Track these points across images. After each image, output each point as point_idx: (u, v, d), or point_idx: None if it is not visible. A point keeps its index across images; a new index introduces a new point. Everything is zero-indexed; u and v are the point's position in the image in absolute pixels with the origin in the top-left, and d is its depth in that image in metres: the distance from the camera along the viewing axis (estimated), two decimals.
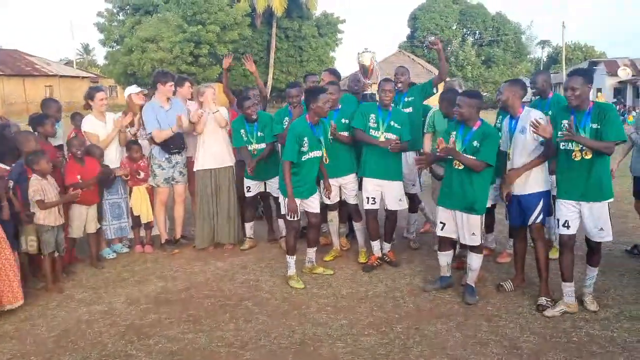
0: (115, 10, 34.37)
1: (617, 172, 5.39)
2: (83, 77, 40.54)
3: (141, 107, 6.03)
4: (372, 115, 5.25)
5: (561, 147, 4.22)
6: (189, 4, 30.38)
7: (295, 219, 4.97)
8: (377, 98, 5.36)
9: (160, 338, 4.07)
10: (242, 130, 5.78)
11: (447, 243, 4.81)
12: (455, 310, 4.46)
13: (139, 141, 6.06)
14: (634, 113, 24.82)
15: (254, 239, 6.24)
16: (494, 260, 5.48)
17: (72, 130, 6.23)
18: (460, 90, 5.25)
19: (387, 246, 5.60)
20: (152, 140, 5.98)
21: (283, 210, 5.13)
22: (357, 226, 5.69)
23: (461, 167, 4.47)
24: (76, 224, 5.51)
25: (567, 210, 4.24)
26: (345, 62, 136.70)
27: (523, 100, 4.64)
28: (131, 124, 6.04)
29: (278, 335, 4.08)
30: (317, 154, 5.00)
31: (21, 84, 35.34)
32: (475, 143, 4.42)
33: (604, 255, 5.47)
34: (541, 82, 5.25)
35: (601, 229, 4.18)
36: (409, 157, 5.63)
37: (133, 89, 6.29)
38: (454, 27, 48.23)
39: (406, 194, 5.74)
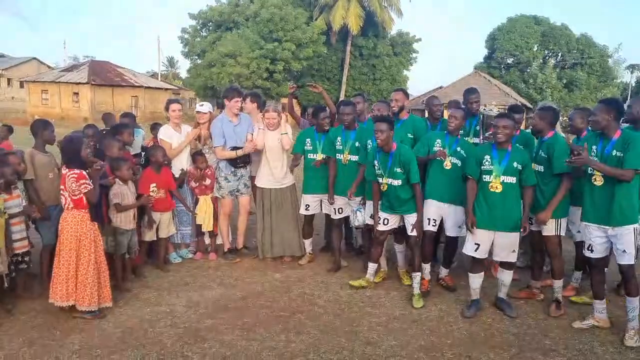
0: (198, 27, 36.04)
1: None
2: (166, 89, 42.56)
3: (203, 124, 6.32)
4: (438, 141, 5.31)
5: (588, 171, 4.31)
6: (266, 22, 31.32)
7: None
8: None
9: (215, 342, 4.25)
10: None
11: (480, 264, 4.84)
12: (511, 341, 4.35)
13: (206, 154, 6.31)
14: None
15: (312, 254, 6.34)
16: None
17: (150, 140, 6.63)
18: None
19: (444, 271, 5.57)
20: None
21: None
22: (399, 248, 5.67)
23: (499, 189, 4.58)
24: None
25: (591, 235, 4.37)
26: (418, 81, 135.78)
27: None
28: (198, 139, 6.34)
29: (327, 350, 4.14)
30: (389, 181, 5.09)
31: (110, 93, 37.66)
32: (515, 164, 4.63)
33: None
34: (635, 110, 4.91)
35: (624, 251, 4.21)
36: None
37: (197, 106, 6.53)
38: (535, 49, 46.67)
39: None
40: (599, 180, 4.28)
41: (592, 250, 4.42)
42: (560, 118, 5.40)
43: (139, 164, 6.10)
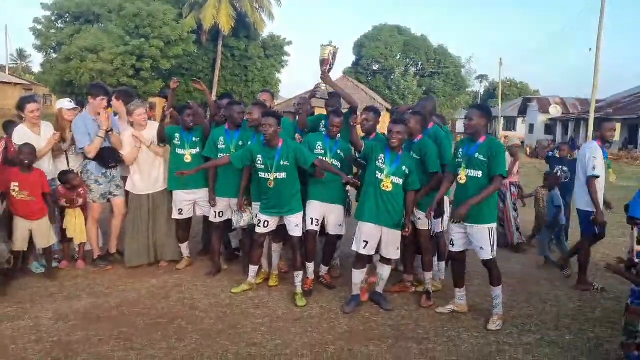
0: (53, 18, 33.17)
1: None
2: (16, 84, 38.76)
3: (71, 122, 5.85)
4: (319, 143, 5.41)
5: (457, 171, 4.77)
6: (132, 17, 29.77)
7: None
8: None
9: (89, 356, 3.97)
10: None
11: (365, 260, 5.06)
12: (388, 332, 4.58)
13: (70, 155, 5.90)
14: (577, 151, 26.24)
15: (190, 257, 6.17)
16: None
17: (3, 139, 5.98)
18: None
19: (324, 269, 5.71)
20: (85, 155, 5.83)
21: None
22: (275, 248, 5.68)
23: (390, 188, 4.83)
24: (18, 236, 5.31)
25: (452, 230, 4.85)
26: (290, 84, 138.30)
27: None
28: (62, 140, 5.84)
29: (211, 354, 4.06)
30: (275, 175, 5.08)
31: None
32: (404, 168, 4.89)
33: (530, 283, 5.90)
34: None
35: (481, 247, 4.68)
36: None
37: (66, 103, 6.00)
38: (398, 57, 49.62)
39: None
40: (462, 179, 4.68)
41: (452, 245, 4.85)
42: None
43: None
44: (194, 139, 5.82)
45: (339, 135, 5.45)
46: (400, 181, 4.88)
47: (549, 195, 6.97)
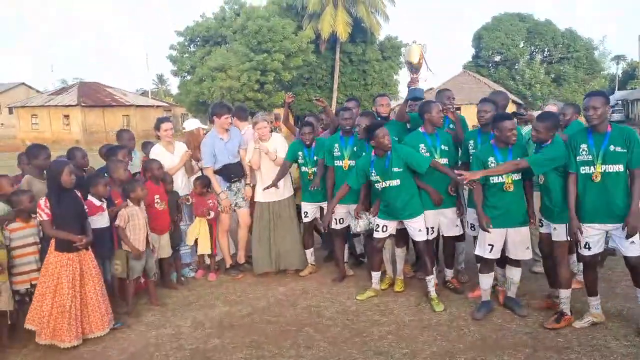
0: (186, 43, 35.99)
1: None
2: (157, 106, 42.43)
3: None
4: (422, 145, 5.13)
5: (581, 171, 4.22)
6: (254, 34, 31.31)
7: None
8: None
9: None
10: (300, 153, 5.85)
11: (491, 264, 4.76)
12: (524, 341, 4.27)
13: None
14: None
15: (314, 265, 6.25)
16: None
17: (142, 158, 6.54)
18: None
19: (449, 272, 5.49)
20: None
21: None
22: (399, 252, 5.49)
23: (512, 188, 4.52)
24: None
25: (588, 233, 4.25)
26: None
27: None
28: (195, 158, 6.28)
29: None
30: (388, 183, 5.02)
31: (101, 114, 37.53)
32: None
33: None
34: None
35: (632, 242, 4.12)
36: None
37: (197, 122, 6.55)
38: (521, 45, 46.96)
39: None
40: (597, 177, 4.14)
41: (589, 248, 4.29)
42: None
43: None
44: (315, 157, 5.86)
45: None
46: (518, 176, 4.58)
47: None
